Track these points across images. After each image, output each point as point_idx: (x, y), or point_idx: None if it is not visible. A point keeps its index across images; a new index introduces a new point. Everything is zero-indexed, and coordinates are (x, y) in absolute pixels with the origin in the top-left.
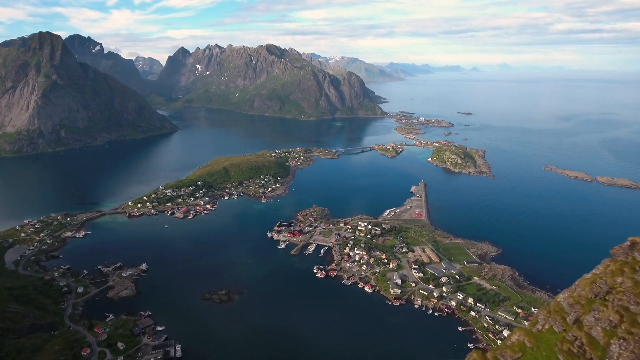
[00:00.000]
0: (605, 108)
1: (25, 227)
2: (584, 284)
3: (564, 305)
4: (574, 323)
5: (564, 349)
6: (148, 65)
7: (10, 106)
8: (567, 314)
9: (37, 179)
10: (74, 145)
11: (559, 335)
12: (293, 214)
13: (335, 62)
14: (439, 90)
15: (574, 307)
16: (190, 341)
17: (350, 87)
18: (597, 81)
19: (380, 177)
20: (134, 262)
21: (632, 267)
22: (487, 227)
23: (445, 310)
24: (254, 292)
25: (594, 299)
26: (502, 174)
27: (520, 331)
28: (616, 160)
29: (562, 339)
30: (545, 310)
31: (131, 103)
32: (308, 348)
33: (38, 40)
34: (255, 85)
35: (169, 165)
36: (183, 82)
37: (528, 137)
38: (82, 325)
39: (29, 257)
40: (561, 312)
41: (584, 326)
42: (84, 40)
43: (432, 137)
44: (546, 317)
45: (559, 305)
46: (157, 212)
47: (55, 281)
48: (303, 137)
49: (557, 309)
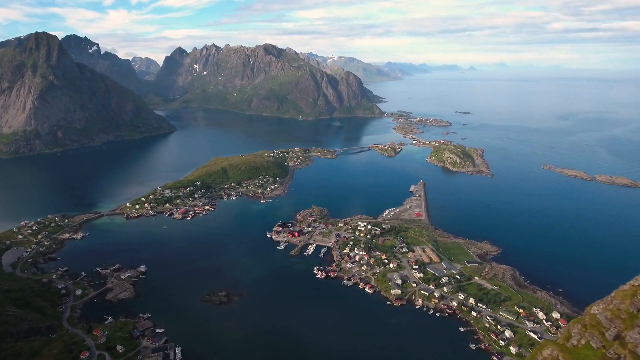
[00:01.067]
0: (603, 107)
1: (23, 229)
2: (622, 296)
3: (601, 319)
4: (614, 339)
5: None
6: (145, 65)
7: (6, 107)
8: (605, 328)
9: (34, 181)
10: (71, 146)
11: (597, 352)
12: (292, 215)
13: (332, 61)
14: (437, 89)
15: (614, 322)
16: (190, 343)
17: (348, 86)
18: (593, 80)
19: (379, 177)
20: (133, 264)
21: None
22: (487, 227)
23: (447, 311)
24: (253, 293)
25: (636, 314)
26: (501, 173)
27: (552, 346)
28: (614, 158)
29: (602, 356)
30: (580, 323)
31: (128, 103)
32: (309, 349)
33: (34, 40)
34: (252, 85)
35: (167, 166)
36: (180, 82)
37: (526, 136)
38: (81, 328)
39: (26, 260)
40: (598, 326)
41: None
42: (80, 41)
43: (431, 137)
44: (581, 331)
45: (595, 319)
46: (156, 213)
47: (53, 283)
48: (301, 137)
49: (594, 323)
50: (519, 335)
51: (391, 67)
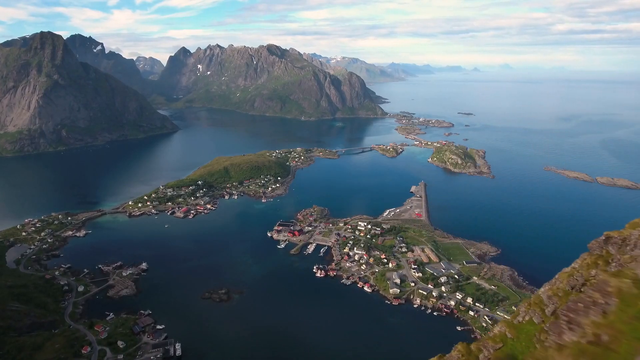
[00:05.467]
0: (606, 108)
1: (27, 226)
2: (563, 277)
3: (544, 297)
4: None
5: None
6: (149, 65)
7: (11, 106)
8: (546, 305)
9: (38, 179)
10: (75, 144)
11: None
12: (293, 214)
13: (336, 62)
14: (440, 90)
15: (552, 299)
16: (190, 340)
17: (351, 87)
18: (598, 82)
19: (380, 177)
20: (135, 261)
21: (605, 260)
22: (487, 227)
23: (444, 310)
24: (253, 291)
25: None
26: (503, 175)
27: (503, 323)
28: (616, 160)
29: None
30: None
31: (132, 103)
32: (307, 347)
33: (39, 40)
34: (256, 85)
35: (170, 165)
36: (184, 82)
37: (528, 137)
38: (83, 323)
39: (29, 256)
40: (540, 304)
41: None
42: (85, 40)
43: (433, 138)
44: (527, 309)
45: (539, 297)
46: (158, 212)
47: (55, 280)
48: (303, 137)
49: (537, 301)
50: None
51: (394, 68)
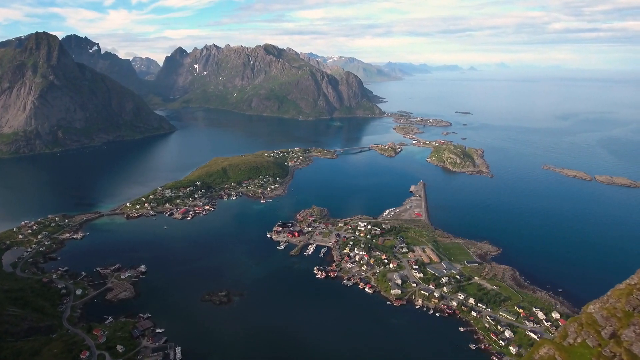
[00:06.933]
0: (603, 107)
1: (23, 228)
2: (618, 295)
3: (597, 317)
4: (610, 337)
5: None
6: (145, 65)
7: (7, 107)
8: (601, 327)
9: (35, 180)
10: (72, 146)
11: (593, 350)
12: (292, 215)
13: (333, 61)
14: (437, 89)
15: (610, 321)
16: (190, 343)
17: (349, 86)
18: (594, 80)
19: (379, 177)
20: (133, 264)
21: None
22: (487, 227)
23: (446, 311)
24: (253, 293)
25: (632, 312)
26: (501, 173)
27: (548, 344)
28: (615, 159)
29: (598, 354)
30: (576, 322)
31: (129, 103)
32: (308, 349)
33: (35, 40)
34: (253, 85)
35: (167, 166)
36: (181, 82)
37: (526, 136)
38: (81, 328)
39: (26, 259)
40: (594, 325)
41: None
42: (80, 41)
43: (431, 137)
44: (578, 330)
45: (591, 317)
46: (156, 213)
47: (53, 283)
48: (301, 137)
49: (590, 322)
50: (519, 335)
51: (391, 67)
